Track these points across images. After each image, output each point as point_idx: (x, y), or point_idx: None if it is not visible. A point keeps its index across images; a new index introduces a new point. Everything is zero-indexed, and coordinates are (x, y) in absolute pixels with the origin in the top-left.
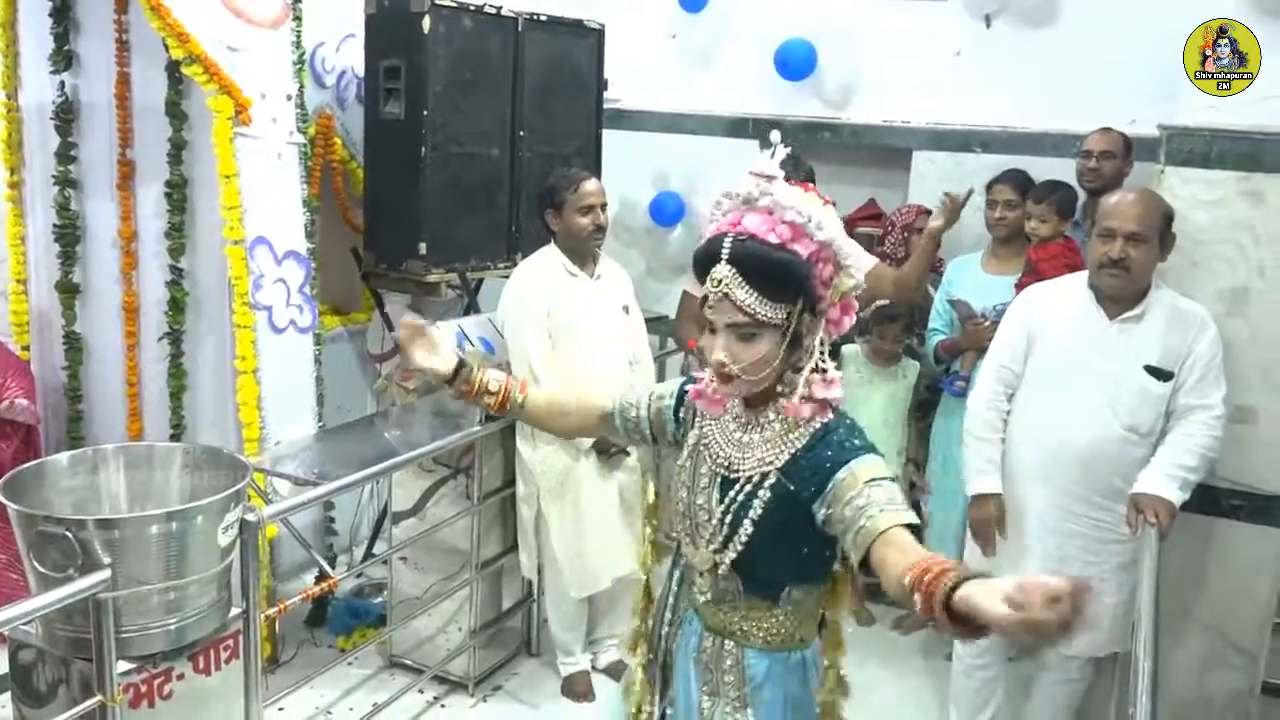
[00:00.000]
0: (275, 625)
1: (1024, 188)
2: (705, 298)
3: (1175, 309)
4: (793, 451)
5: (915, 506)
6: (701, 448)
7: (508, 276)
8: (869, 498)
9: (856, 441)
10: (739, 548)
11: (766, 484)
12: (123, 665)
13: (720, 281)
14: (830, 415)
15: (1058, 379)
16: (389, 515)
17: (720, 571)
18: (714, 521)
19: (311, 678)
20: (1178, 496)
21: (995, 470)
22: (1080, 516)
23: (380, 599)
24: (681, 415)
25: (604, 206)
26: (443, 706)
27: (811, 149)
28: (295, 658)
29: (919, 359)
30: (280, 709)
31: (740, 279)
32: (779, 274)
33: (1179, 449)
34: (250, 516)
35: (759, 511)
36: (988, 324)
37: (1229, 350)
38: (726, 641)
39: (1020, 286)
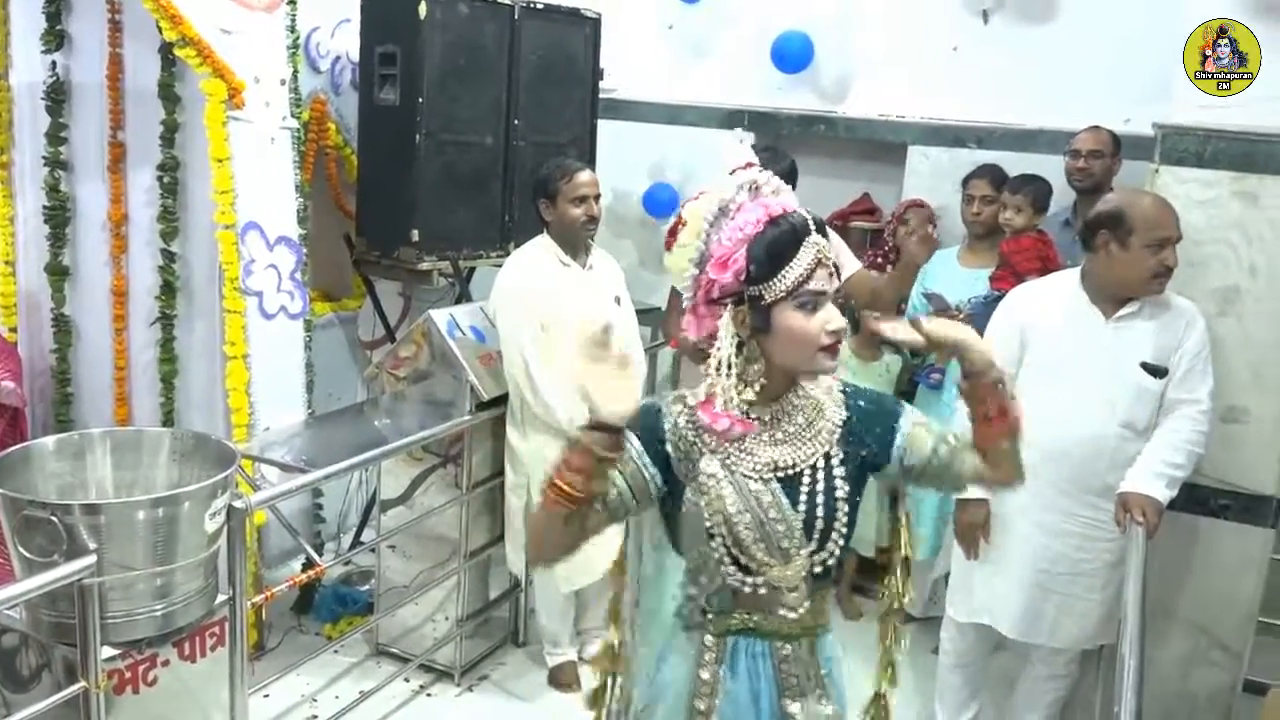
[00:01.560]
0: (262, 612)
1: (1000, 183)
2: (810, 272)
3: (1166, 305)
4: (838, 422)
5: (893, 497)
6: (733, 468)
7: (500, 266)
8: (939, 438)
9: (876, 394)
10: (842, 533)
11: (835, 461)
12: (107, 651)
13: (827, 248)
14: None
15: (1054, 378)
16: (377, 503)
17: (818, 571)
18: (798, 526)
19: (297, 665)
20: (1165, 495)
21: None
22: (1073, 515)
23: (367, 587)
24: (674, 451)
25: (597, 198)
26: (429, 695)
27: (806, 142)
28: (281, 645)
29: (899, 352)
30: (266, 695)
31: (829, 244)
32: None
33: (1166, 446)
34: (238, 503)
35: (845, 490)
36: (963, 316)
37: (1221, 350)
38: (806, 640)
39: (995, 280)
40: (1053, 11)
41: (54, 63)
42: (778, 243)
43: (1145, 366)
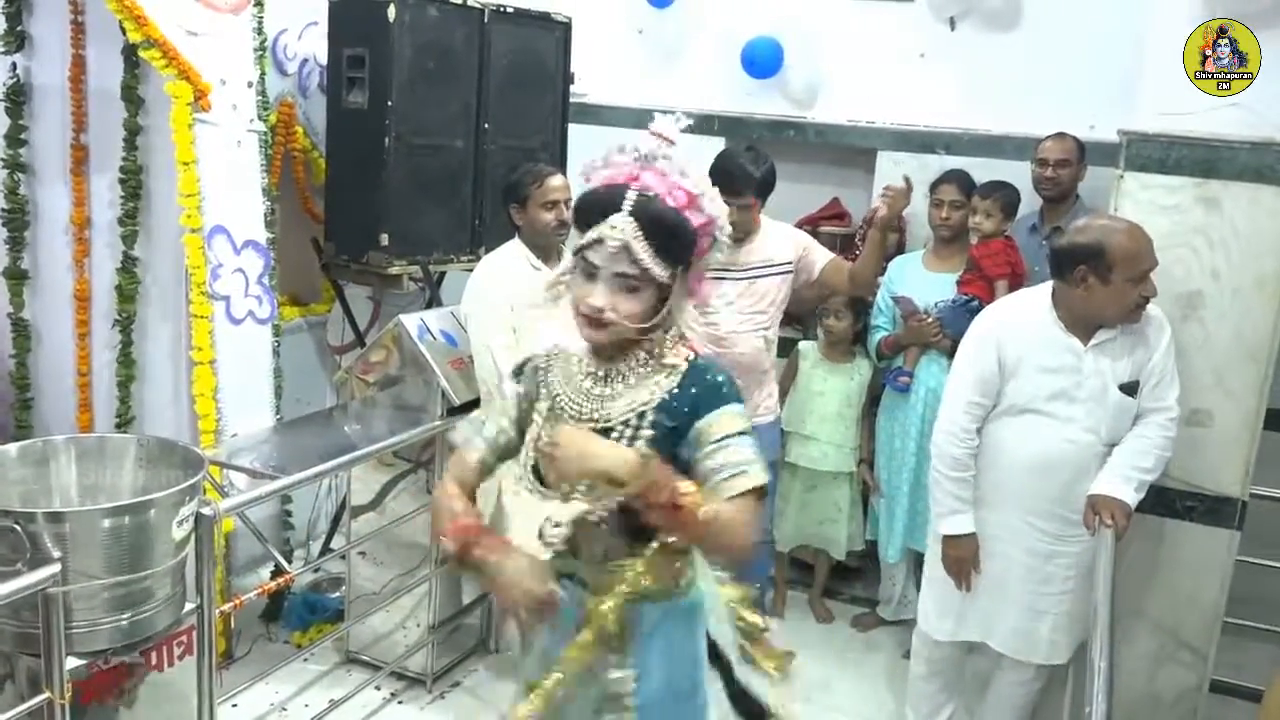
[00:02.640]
0: (230, 620)
1: (968, 189)
2: (590, 243)
3: (1139, 318)
4: (666, 392)
5: (864, 502)
6: (559, 410)
7: (470, 270)
8: (723, 460)
9: (724, 387)
10: None
11: (645, 423)
12: (72, 661)
13: (620, 230)
14: (693, 354)
15: (1038, 407)
16: (348, 509)
17: (592, 518)
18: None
19: (267, 674)
20: (1133, 498)
21: (968, 510)
22: (1060, 537)
23: (338, 594)
24: (528, 387)
25: (568, 202)
26: (400, 703)
27: (776, 147)
28: (250, 653)
29: (869, 356)
30: (234, 705)
31: (639, 233)
32: (674, 236)
33: (1134, 450)
34: (206, 510)
35: (641, 451)
36: (930, 320)
37: (1185, 353)
38: (614, 600)
39: (963, 284)
40: (1018, 19)
41: (14, 64)
42: (584, 204)
43: (1123, 388)
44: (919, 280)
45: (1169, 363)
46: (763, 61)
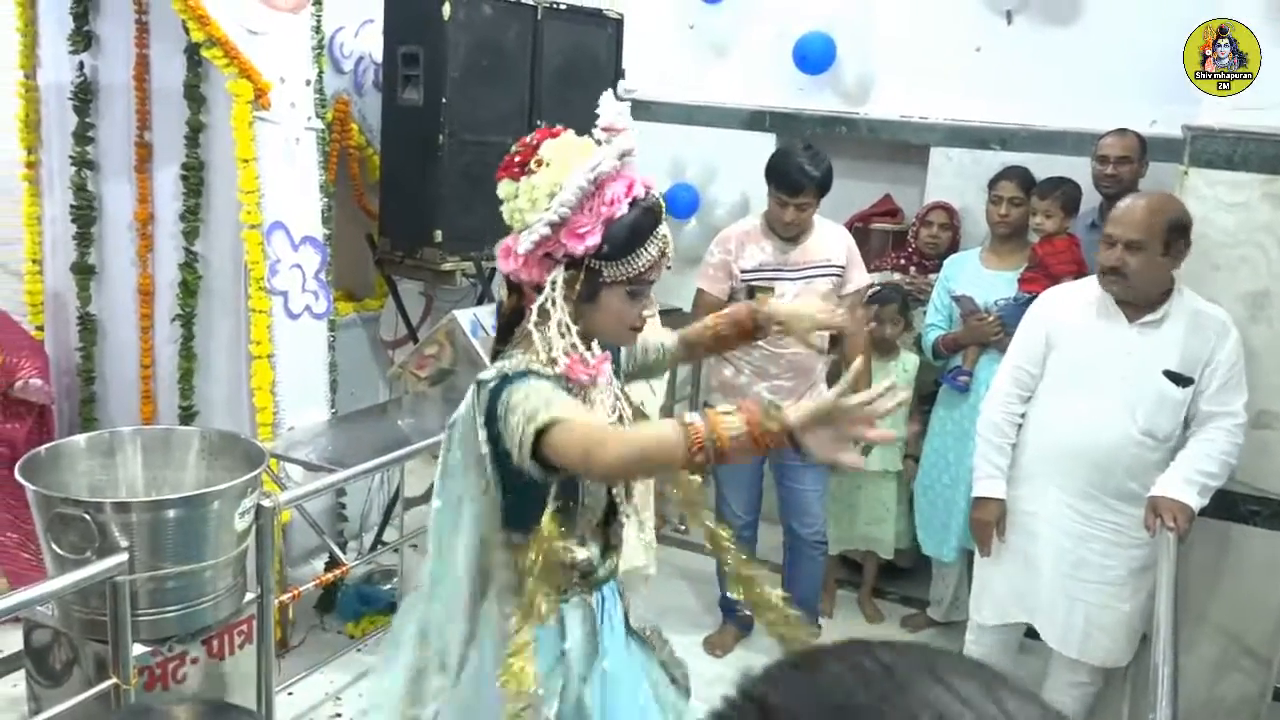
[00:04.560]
0: (288, 611)
1: (1028, 185)
2: (652, 265)
3: (1197, 313)
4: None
5: (911, 501)
6: (601, 408)
7: None
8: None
9: None
10: None
11: (626, 398)
12: (138, 648)
13: (668, 242)
14: None
15: (1076, 381)
16: (400, 502)
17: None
18: None
19: (322, 664)
20: (1196, 502)
21: (1001, 476)
22: (1096, 520)
23: (390, 586)
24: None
25: None
26: None
27: (828, 143)
28: (304, 643)
29: (919, 351)
30: (290, 694)
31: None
32: None
33: (1200, 454)
34: (266, 502)
35: (630, 410)
36: (990, 319)
37: (1250, 355)
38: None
39: (1024, 282)
40: (1077, 11)
41: (81, 63)
42: (638, 229)
43: (1168, 374)
44: (976, 278)
45: (1235, 366)
46: (815, 57)
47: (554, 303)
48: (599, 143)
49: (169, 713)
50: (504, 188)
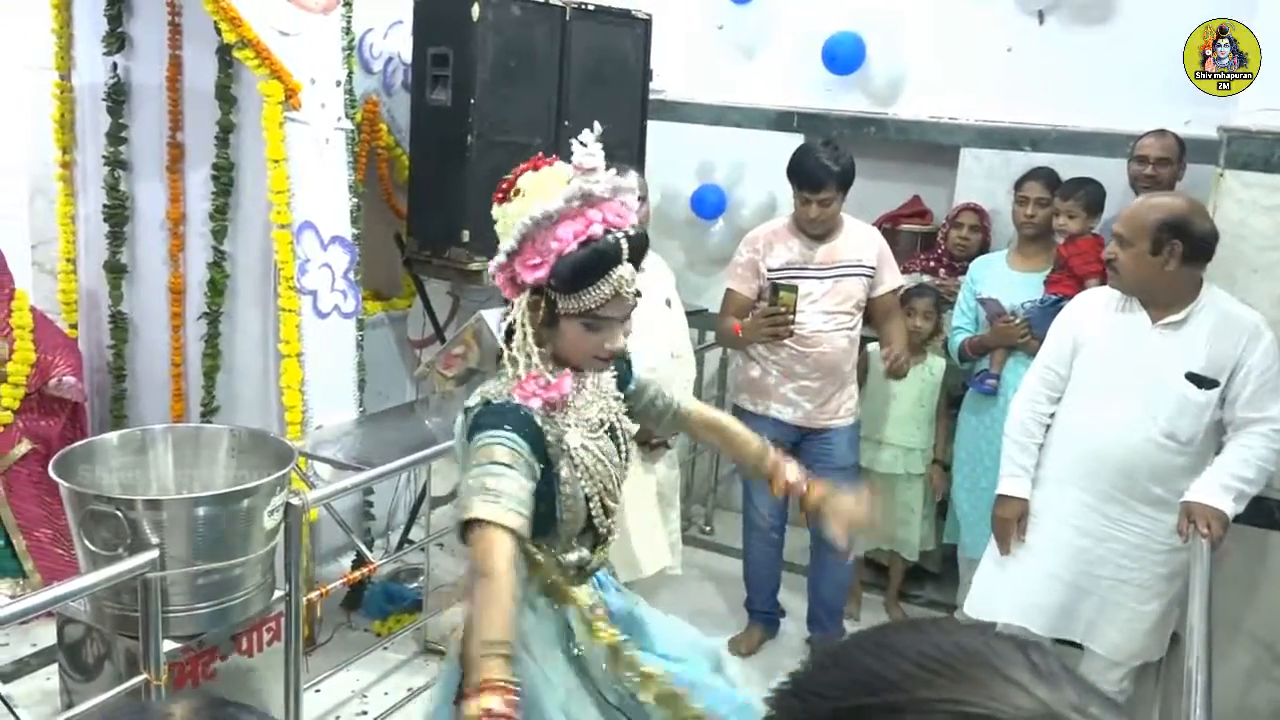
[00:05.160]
0: (316, 609)
1: (1054, 185)
2: (603, 303)
3: (1225, 315)
4: (611, 374)
5: (941, 505)
6: (582, 423)
7: None
8: (658, 392)
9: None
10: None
11: (624, 411)
12: (168, 644)
13: (629, 279)
14: None
15: (1098, 383)
16: (427, 501)
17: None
18: (623, 466)
19: (348, 662)
20: (1231, 508)
21: (1026, 476)
22: (1118, 521)
23: (416, 584)
24: (550, 438)
25: (644, 199)
26: None
27: (857, 144)
28: (331, 641)
29: (946, 355)
30: (317, 691)
31: (634, 270)
32: (646, 250)
33: (1236, 460)
34: (295, 500)
35: (632, 428)
36: (1018, 321)
37: None
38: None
39: (1051, 283)
40: (1109, 12)
41: (115, 64)
42: (581, 268)
43: (1191, 376)
44: (1003, 280)
45: (1269, 370)
46: (844, 57)
47: (519, 322)
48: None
49: (165, 710)
50: (494, 210)
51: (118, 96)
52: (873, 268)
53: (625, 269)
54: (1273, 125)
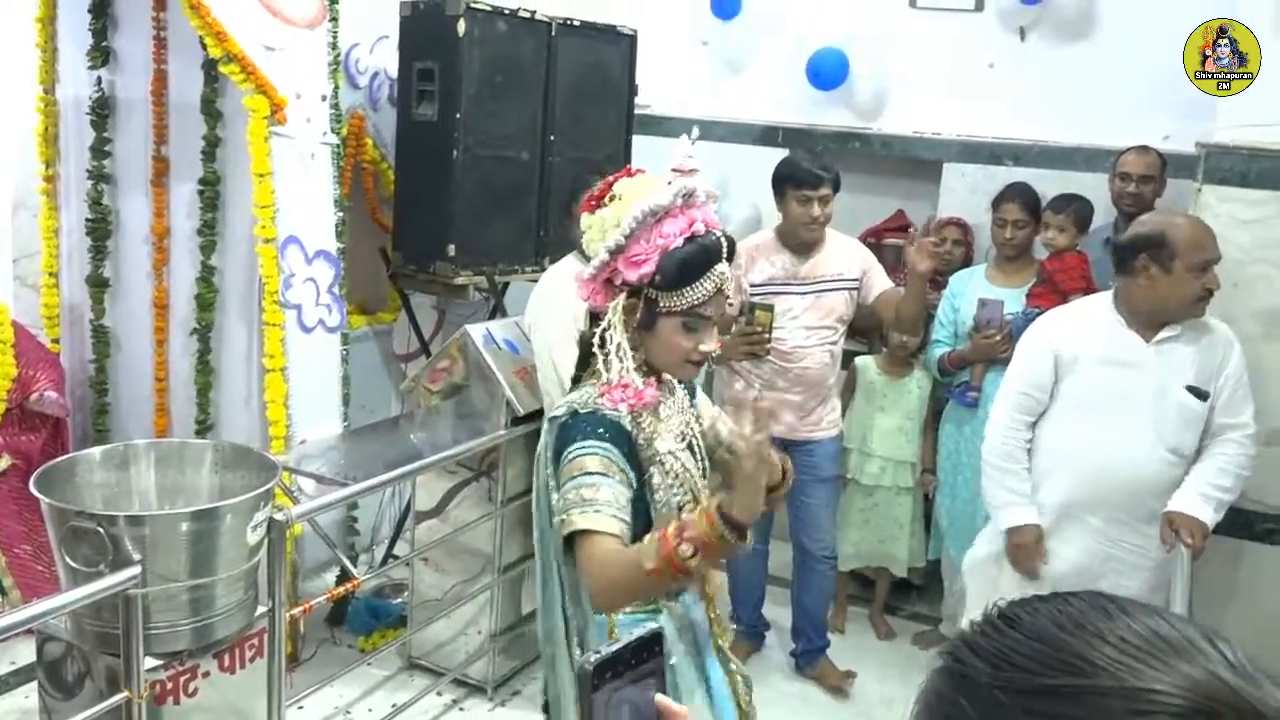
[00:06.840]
0: (299, 624)
1: (1032, 205)
2: (705, 300)
3: (1205, 326)
4: (685, 389)
5: (926, 518)
6: (667, 433)
7: (535, 280)
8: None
9: None
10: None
11: (703, 426)
12: (150, 661)
13: (729, 279)
14: None
15: (1098, 405)
16: (411, 515)
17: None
18: (701, 477)
19: (332, 678)
20: (1211, 517)
21: (1025, 500)
22: (1119, 542)
23: (401, 600)
24: (641, 443)
25: None
26: (461, 709)
27: (841, 159)
28: (315, 657)
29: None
30: (300, 708)
31: (731, 272)
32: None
33: (1213, 469)
34: (279, 515)
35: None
36: (998, 337)
37: (1266, 373)
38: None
39: (1033, 297)
40: (1090, 28)
41: (100, 78)
42: (688, 264)
43: (1190, 389)
44: (983, 294)
45: (1243, 377)
46: (828, 72)
47: (614, 327)
48: (670, 183)
49: None
50: (584, 220)
51: (102, 110)
52: (856, 280)
53: (725, 266)
54: (1250, 140)
